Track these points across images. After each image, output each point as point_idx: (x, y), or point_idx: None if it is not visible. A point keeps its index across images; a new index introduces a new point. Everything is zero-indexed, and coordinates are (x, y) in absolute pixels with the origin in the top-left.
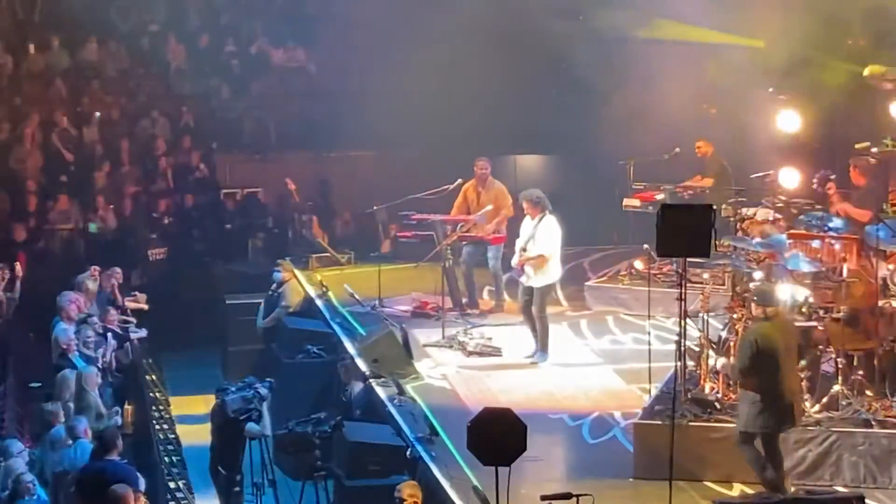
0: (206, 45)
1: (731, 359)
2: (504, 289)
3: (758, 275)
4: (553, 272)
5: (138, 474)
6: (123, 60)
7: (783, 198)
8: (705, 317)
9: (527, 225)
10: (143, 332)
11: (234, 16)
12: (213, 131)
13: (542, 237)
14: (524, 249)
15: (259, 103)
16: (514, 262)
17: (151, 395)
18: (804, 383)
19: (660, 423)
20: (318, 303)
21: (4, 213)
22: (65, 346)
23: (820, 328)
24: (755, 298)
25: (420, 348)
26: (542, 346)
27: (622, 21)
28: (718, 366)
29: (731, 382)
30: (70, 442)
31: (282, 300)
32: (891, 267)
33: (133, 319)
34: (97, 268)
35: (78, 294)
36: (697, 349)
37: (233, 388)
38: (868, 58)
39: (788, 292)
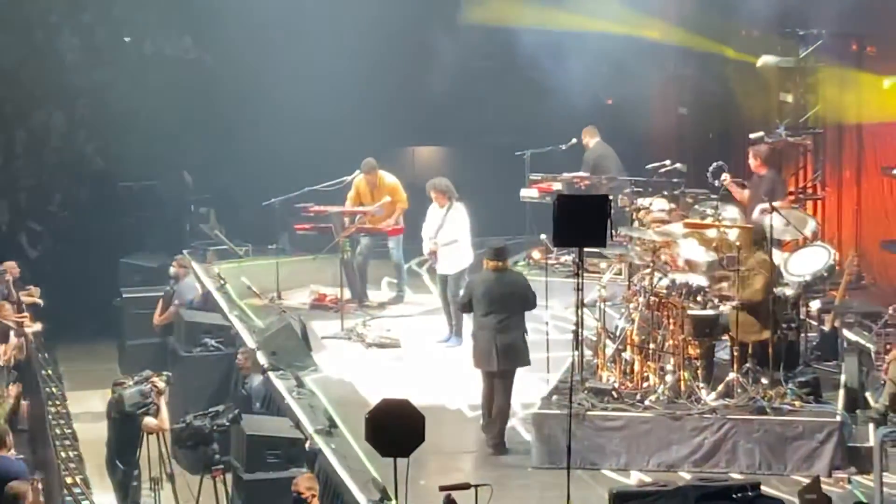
0: (102, 37)
1: None
2: (406, 279)
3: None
4: (465, 258)
5: (26, 468)
6: (17, 52)
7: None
8: (602, 306)
9: (434, 213)
10: (37, 327)
11: (129, 8)
12: (109, 124)
13: (451, 225)
14: (433, 239)
15: (155, 95)
16: (426, 250)
17: (47, 390)
18: (699, 371)
19: (558, 412)
20: (216, 296)
21: None
22: None
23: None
24: (486, 254)
25: (319, 341)
26: (457, 331)
27: (518, 12)
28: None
29: (626, 371)
30: None
31: (176, 298)
32: (785, 255)
33: (27, 314)
34: None
35: None
36: (595, 339)
37: (130, 382)
38: (761, 48)
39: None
